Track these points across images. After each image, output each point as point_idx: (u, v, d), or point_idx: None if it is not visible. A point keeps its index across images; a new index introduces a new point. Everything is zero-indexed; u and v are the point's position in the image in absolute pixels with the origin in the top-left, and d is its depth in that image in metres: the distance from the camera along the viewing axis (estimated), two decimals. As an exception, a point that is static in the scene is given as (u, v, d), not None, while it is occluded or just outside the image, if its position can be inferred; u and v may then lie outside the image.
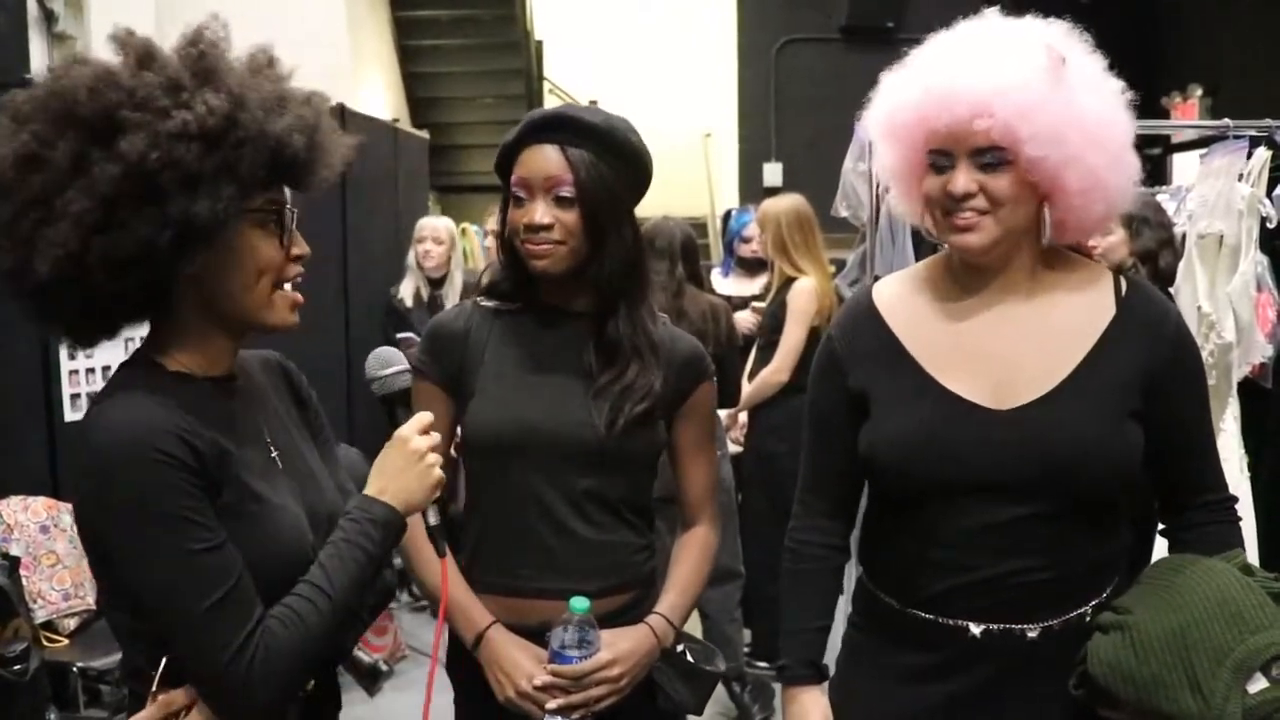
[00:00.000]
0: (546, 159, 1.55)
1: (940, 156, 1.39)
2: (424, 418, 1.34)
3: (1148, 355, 1.41)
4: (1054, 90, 1.32)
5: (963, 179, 1.37)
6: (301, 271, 1.30)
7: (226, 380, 1.30)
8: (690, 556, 1.72)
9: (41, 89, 1.17)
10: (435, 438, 1.33)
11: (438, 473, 1.31)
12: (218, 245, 1.18)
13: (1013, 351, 1.43)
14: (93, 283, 1.13)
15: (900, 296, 1.53)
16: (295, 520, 1.27)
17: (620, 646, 1.57)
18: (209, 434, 1.19)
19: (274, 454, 1.32)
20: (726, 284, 4.61)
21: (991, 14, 1.42)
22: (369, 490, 1.29)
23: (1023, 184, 1.36)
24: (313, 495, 1.34)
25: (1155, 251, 3.24)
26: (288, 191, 1.28)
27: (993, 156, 1.35)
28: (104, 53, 1.24)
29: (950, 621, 1.42)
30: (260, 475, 1.26)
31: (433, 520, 1.36)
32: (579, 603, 1.53)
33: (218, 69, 1.19)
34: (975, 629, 1.41)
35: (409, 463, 1.29)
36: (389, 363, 1.42)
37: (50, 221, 1.12)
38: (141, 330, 1.29)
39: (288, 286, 1.29)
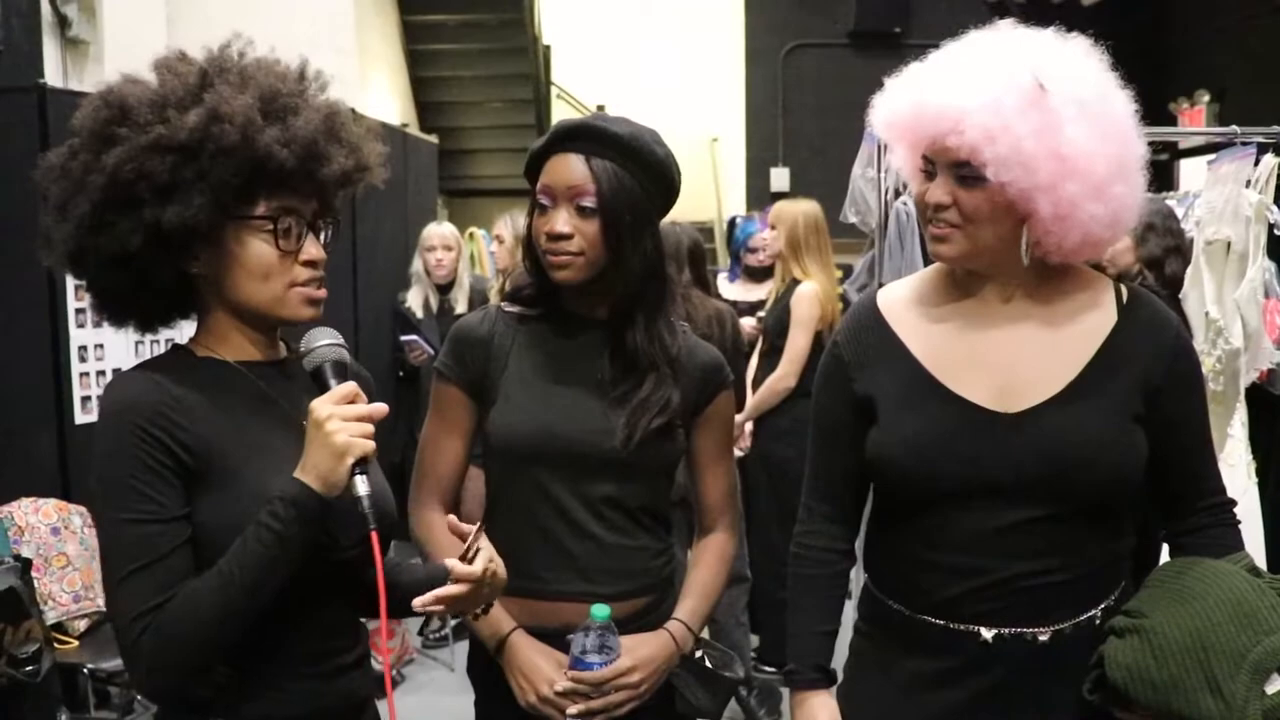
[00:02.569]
0: (571, 168, 1.56)
1: (928, 163, 1.41)
2: (343, 388, 1.27)
3: (1149, 361, 1.42)
4: (1025, 118, 1.30)
5: (937, 190, 1.39)
6: (315, 275, 1.35)
7: (265, 365, 1.38)
8: (709, 562, 1.73)
9: (83, 104, 1.30)
10: (346, 407, 1.25)
11: (341, 438, 1.22)
12: (218, 247, 1.30)
13: (1017, 356, 1.43)
14: (91, 277, 1.30)
15: (905, 302, 1.53)
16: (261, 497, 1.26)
17: (640, 653, 1.58)
18: (204, 414, 1.28)
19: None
20: (733, 289, 4.62)
21: (1005, 25, 1.41)
22: (295, 471, 1.26)
23: (997, 202, 1.35)
24: None
25: (1161, 259, 3.24)
26: (314, 201, 1.34)
27: (968, 171, 1.35)
28: (118, 56, 1.33)
29: (961, 627, 1.42)
30: (268, 451, 1.31)
31: (360, 490, 1.24)
32: (600, 610, 1.54)
33: (210, 85, 1.28)
34: (986, 633, 1.41)
35: (314, 434, 1.25)
36: (318, 337, 1.33)
37: (62, 224, 1.27)
38: (152, 335, 1.43)
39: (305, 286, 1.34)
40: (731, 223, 5.66)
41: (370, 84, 7.37)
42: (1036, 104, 1.31)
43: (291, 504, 1.23)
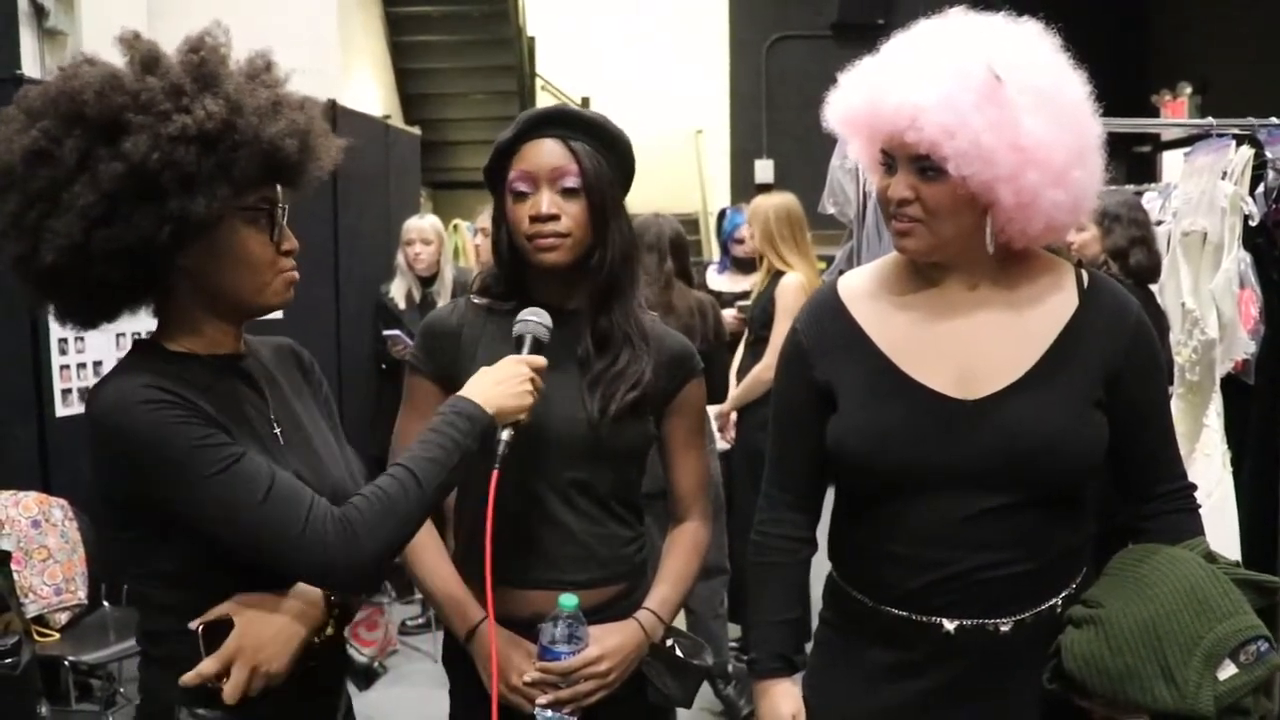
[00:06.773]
0: (550, 151, 1.58)
1: (887, 156, 1.41)
2: (540, 360, 1.50)
3: (1110, 346, 1.43)
4: (981, 111, 1.30)
5: (899, 185, 1.39)
6: (293, 265, 1.36)
7: (233, 359, 1.37)
8: (680, 551, 1.74)
9: (52, 87, 1.24)
10: (538, 374, 1.47)
11: (530, 399, 1.45)
12: (211, 240, 1.27)
13: (977, 343, 1.44)
14: (93, 271, 1.22)
15: (865, 289, 1.53)
16: None
17: (608, 642, 1.58)
18: (201, 402, 1.25)
19: (276, 430, 1.38)
20: (721, 280, 4.65)
21: (956, 13, 1.41)
22: (462, 392, 1.42)
23: (959, 195, 1.36)
24: (317, 472, 1.38)
25: (1126, 249, 3.29)
26: (279, 189, 1.34)
27: (929, 164, 1.35)
28: (96, 48, 1.30)
29: (923, 618, 1.42)
30: (254, 450, 1.30)
31: (504, 436, 1.45)
32: (568, 600, 1.54)
33: (218, 74, 1.26)
34: (949, 625, 1.41)
35: (512, 376, 1.44)
36: (532, 314, 1.54)
37: (56, 214, 1.20)
38: (133, 325, 1.42)
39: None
40: (721, 214, 5.68)
41: (353, 76, 7.35)
42: (992, 96, 1.31)
43: (470, 419, 1.38)
